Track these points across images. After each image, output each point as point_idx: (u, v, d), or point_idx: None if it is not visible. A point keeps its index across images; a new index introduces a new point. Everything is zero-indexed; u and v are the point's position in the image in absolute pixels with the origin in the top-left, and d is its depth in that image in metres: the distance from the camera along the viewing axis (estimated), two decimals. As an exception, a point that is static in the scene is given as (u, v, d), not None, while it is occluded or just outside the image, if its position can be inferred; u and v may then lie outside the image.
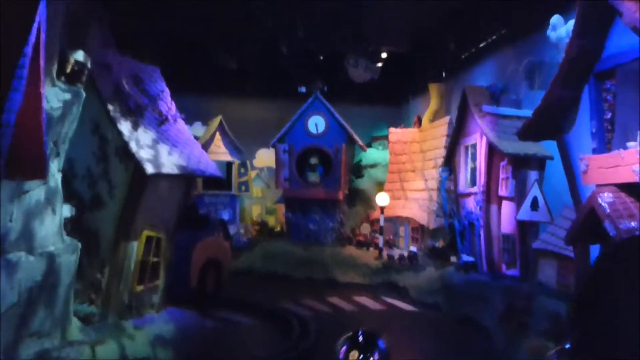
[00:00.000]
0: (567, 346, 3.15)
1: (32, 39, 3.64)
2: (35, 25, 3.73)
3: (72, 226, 7.25)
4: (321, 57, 14.38)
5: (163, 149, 7.79)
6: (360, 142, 14.98)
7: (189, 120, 17.98)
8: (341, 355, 2.82)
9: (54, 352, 5.96)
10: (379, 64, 14.04)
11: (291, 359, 7.60)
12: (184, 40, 13.12)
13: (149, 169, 7.18)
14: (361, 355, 2.76)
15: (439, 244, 12.42)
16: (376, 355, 2.81)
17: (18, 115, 4.32)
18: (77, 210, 7.48)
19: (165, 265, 8.26)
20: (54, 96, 5.89)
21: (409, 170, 14.29)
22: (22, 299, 5.65)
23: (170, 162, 7.66)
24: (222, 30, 12.90)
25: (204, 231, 10.22)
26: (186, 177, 8.28)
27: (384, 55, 14.29)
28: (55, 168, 6.44)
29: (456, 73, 14.06)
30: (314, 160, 14.64)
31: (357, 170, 16.17)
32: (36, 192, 5.99)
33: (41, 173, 4.72)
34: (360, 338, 2.85)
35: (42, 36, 4.05)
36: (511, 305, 8.37)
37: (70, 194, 7.63)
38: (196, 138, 15.76)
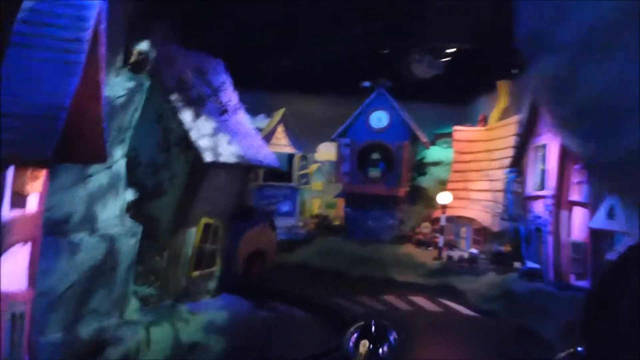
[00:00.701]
0: (579, 349, 3.03)
1: (90, 25, 3.75)
2: (94, 13, 3.84)
3: (134, 211, 7.53)
4: (386, 52, 14.14)
5: (223, 138, 7.92)
6: (424, 139, 14.63)
7: (253, 112, 18.39)
8: (351, 343, 2.79)
9: (111, 330, 6.22)
10: (444, 60, 13.62)
11: (342, 356, 7.51)
12: (251, 36, 13.30)
13: (208, 157, 7.32)
14: (371, 346, 2.72)
15: (505, 248, 11.91)
16: (386, 348, 2.77)
17: (78, 100, 4.49)
18: (139, 197, 7.77)
19: (221, 253, 8.42)
20: (118, 85, 6.12)
21: (473, 170, 13.81)
22: (83, 278, 5.92)
23: (228, 152, 7.78)
24: (288, 26, 12.97)
25: (251, 221, 10.29)
26: (244, 167, 8.38)
27: (450, 51, 13.84)
28: (119, 154, 6.70)
29: (528, 70, 13.39)
30: (375, 156, 14.46)
31: (420, 167, 15.81)
32: (100, 176, 6.25)
33: (101, 157, 4.87)
34: (373, 328, 2.81)
35: (102, 25, 4.17)
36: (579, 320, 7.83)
37: (134, 181, 7.92)
38: (259, 130, 16.14)
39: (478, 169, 13.69)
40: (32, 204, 4.32)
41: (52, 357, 5.57)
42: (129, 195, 7.14)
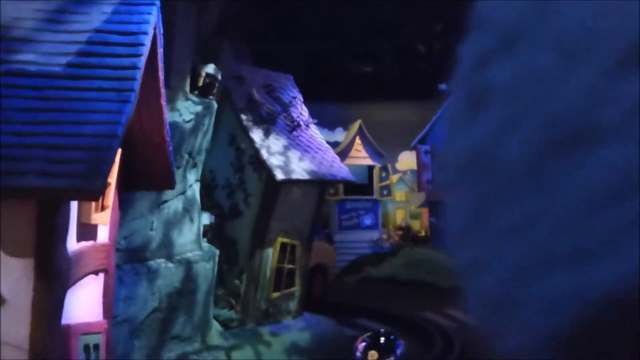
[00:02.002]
0: None
1: (145, 52, 3.71)
2: (149, 37, 3.80)
3: (213, 234, 7.57)
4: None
5: (294, 155, 7.79)
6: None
7: (331, 126, 18.33)
8: (358, 353, 2.73)
9: (192, 356, 6.20)
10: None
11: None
12: (322, 49, 13.27)
13: (279, 175, 7.20)
14: (380, 357, 2.71)
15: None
16: (393, 358, 2.71)
17: (142, 127, 4.50)
18: (217, 219, 7.81)
19: (301, 272, 8.25)
20: (186, 109, 6.15)
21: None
22: (163, 304, 5.95)
23: (300, 168, 7.62)
24: (358, 33, 12.78)
25: None
26: (318, 183, 8.19)
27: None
28: (192, 178, 6.74)
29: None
30: (458, 161, 13.77)
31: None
32: (174, 202, 6.30)
33: (169, 183, 4.87)
34: (382, 339, 2.81)
35: (159, 49, 4.14)
36: None
37: (212, 204, 8.00)
38: (337, 144, 15.98)
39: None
40: (103, 234, 4.34)
41: (137, 384, 5.62)
42: (205, 219, 7.17)
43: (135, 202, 5.72)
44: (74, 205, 3.64)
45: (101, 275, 4.37)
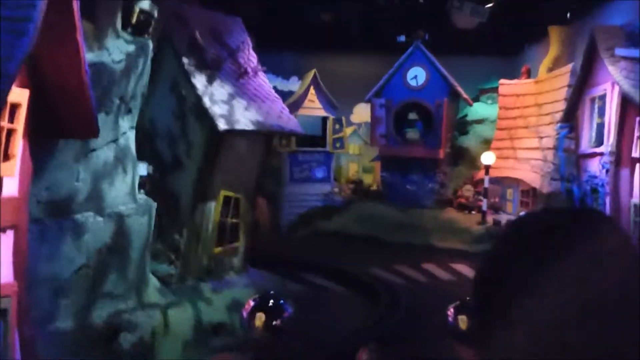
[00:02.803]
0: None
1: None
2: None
3: (152, 186, 7.10)
4: (421, 1, 13.00)
5: (239, 104, 7.32)
6: (465, 96, 13.59)
7: (285, 75, 17.69)
8: (245, 313, 2.77)
9: (126, 315, 5.85)
10: (488, 6, 12.35)
11: (377, 332, 6.99)
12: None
13: (222, 125, 6.74)
14: (267, 319, 2.74)
15: (554, 209, 10.95)
16: (279, 321, 2.32)
17: (56, 67, 3.95)
18: (157, 171, 7.32)
19: (245, 227, 7.94)
20: (116, 48, 5.55)
21: (521, 127, 12.73)
22: (92, 261, 5.53)
23: (246, 118, 7.17)
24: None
25: None
26: (265, 134, 7.78)
27: (494, -4, 12.55)
28: (126, 126, 6.19)
29: (583, 13, 12.05)
30: (412, 116, 13.55)
31: (462, 126, 14.80)
32: (104, 150, 5.77)
33: (91, 131, 4.37)
34: (271, 302, 2.85)
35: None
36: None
37: (152, 154, 7.48)
38: (292, 93, 15.44)
39: (526, 125, 12.60)
40: (10, 187, 3.85)
41: (63, 346, 5.26)
42: (142, 170, 6.68)
43: (57, 150, 5.16)
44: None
45: (10, 233, 3.91)
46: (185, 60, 7.10)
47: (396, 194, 13.54)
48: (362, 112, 16.98)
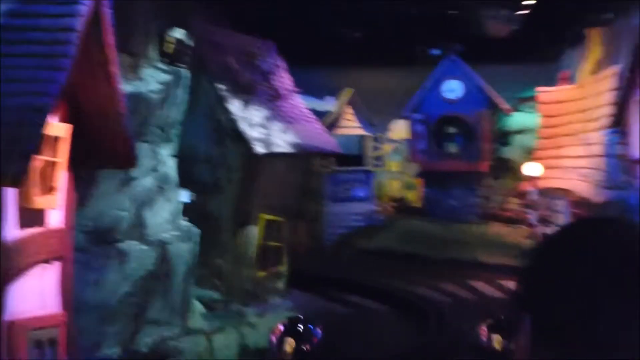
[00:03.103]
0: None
1: (83, 10, 3.23)
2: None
3: (194, 212, 7.17)
4: (454, 12, 12.85)
5: (276, 126, 7.34)
6: (504, 106, 13.26)
7: (319, 95, 17.76)
8: (274, 339, 2.51)
9: (171, 341, 5.87)
10: (522, 13, 12.07)
11: (427, 353, 6.77)
12: (305, 14, 12.62)
13: (260, 149, 6.77)
14: (297, 345, 2.54)
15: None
16: (309, 346, 2.52)
17: (93, 99, 4.05)
18: (198, 196, 7.40)
19: (288, 250, 7.89)
20: (152, 78, 5.68)
21: (565, 135, 12.27)
22: (137, 288, 5.59)
23: (283, 141, 7.18)
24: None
25: None
26: (304, 156, 7.77)
27: (529, 1, 12.25)
28: (166, 154, 6.30)
29: (624, 12, 11.61)
30: (451, 129, 13.31)
31: (503, 137, 14.41)
32: (145, 179, 5.88)
33: (129, 161, 4.44)
34: (300, 326, 2.59)
35: (105, 10, 3.65)
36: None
37: (193, 180, 7.57)
38: (327, 113, 15.46)
39: (570, 132, 12.14)
40: (55, 218, 3.93)
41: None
42: (184, 196, 6.76)
43: (100, 180, 5.30)
44: (9, 189, 3.22)
45: (56, 264, 3.98)
46: (220, 85, 7.20)
47: (439, 210, 13.26)
48: (400, 129, 16.80)
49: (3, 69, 2.92)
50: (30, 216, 3.53)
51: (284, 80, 8.14)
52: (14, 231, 3.34)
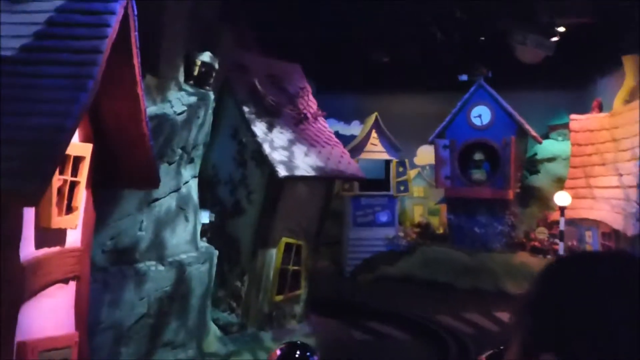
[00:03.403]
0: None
1: (110, 32, 3.26)
2: (116, 17, 3.35)
3: (214, 233, 7.15)
4: (482, 39, 12.76)
5: (299, 150, 7.31)
6: (534, 133, 13.03)
7: (346, 119, 17.78)
8: None
9: (186, 365, 5.79)
10: (555, 39, 11.89)
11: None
12: (333, 38, 12.69)
13: (282, 171, 6.73)
14: None
15: (641, 253, 10.05)
16: None
17: (117, 119, 4.07)
18: (219, 217, 7.39)
19: (307, 274, 7.78)
20: (178, 100, 5.72)
21: (597, 164, 11.96)
22: (153, 309, 5.55)
23: (305, 164, 7.14)
24: (371, 22, 12.17)
25: None
26: (326, 179, 7.71)
27: (561, 29, 12.08)
28: (188, 175, 6.31)
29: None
30: (478, 156, 13.10)
31: (532, 165, 14.13)
32: (167, 199, 5.88)
33: (152, 182, 4.44)
34: (297, 352, 2.70)
35: (133, 32, 3.68)
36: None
37: (214, 201, 7.59)
38: (353, 137, 15.43)
39: (603, 162, 11.82)
40: (73, 238, 3.93)
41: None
42: (204, 217, 6.75)
43: (121, 200, 5.31)
44: (27, 208, 3.23)
45: (72, 284, 3.97)
46: (245, 108, 7.23)
47: (464, 237, 12.99)
48: (426, 154, 16.67)
49: (27, 89, 2.95)
50: (48, 235, 3.52)
51: (309, 103, 8.14)
52: (30, 250, 3.33)
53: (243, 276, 7.16)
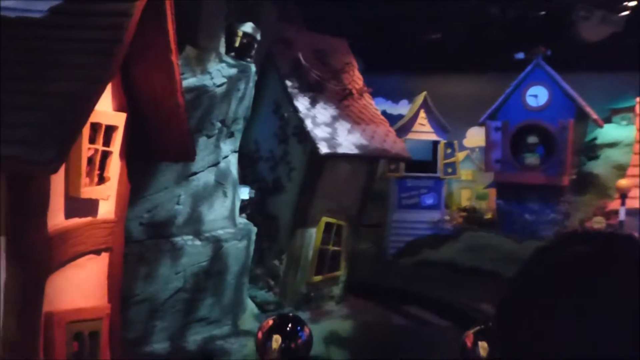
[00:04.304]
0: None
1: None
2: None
3: (254, 209, 7.05)
4: (542, 13, 11.99)
5: (343, 127, 7.06)
6: (595, 116, 12.24)
7: (395, 98, 17.33)
8: (261, 333, 2.72)
9: (220, 340, 5.75)
10: (624, 14, 10.98)
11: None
12: (382, 14, 12.25)
13: (324, 148, 6.51)
14: (284, 341, 2.65)
15: None
16: (299, 342, 2.71)
17: (153, 90, 3.94)
18: (260, 194, 7.27)
19: (347, 255, 7.59)
20: (218, 72, 5.56)
21: (663, 151, 11.16)
22: (188, 284, 5.51)
23: (349, 142, 6.89)
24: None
25: None
26: (370, 158, 7.44)
27: (632, 2, 11.10)
28: (228, 149, 6.19)
29: None
30: (532, 139, 12.44)
31: (590, 150, 13.32)
32: (205, 174, 5.79)
33: (187, 154, 4.32)
34: (289, 325, 2.76)
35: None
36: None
37: (255, 177, 7.48)
38: (401, 117, 15.01)
39: (670, 149, 11.02)
40: (106, 209, 3.86)
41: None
42: (244, 193, 6.64)
43: (159, 173, 5.25)
44: (57, 177, 3.15)
45: (104, 255, 3.91)
46: (288, 82, 7.02)
47: (513, 224, 12.46)
48: (476, 136, 16.06)
49: (53, 53, 2.83)
50: (79, 206, 3.45)
51: (355, 79, 7.85)
52: (59, 220, 3.26)
53: (281, 255, 7.04)
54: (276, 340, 2.63)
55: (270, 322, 2.79)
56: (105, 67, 2.74)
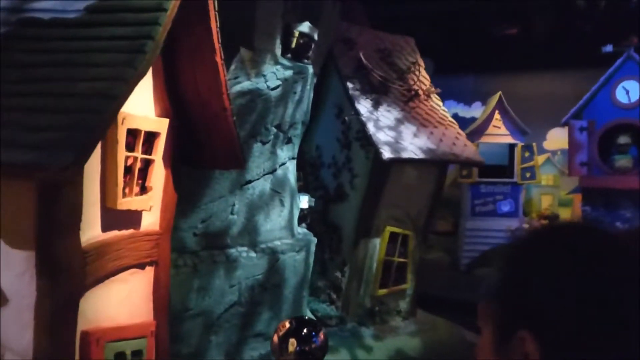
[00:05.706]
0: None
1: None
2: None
3: (314, 219, 6.73)
4: (633, 1, 10.90)
5: (408, 130, 6.59)
6: (697, 113, 10.95)
7: (468, 101, 16.53)
8: (277, 336, 2.79)
9: (278, 358, 5.43)
10: None
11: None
12: (452, 11, 11.62)
13: (387, 153, 6.07)
14: (299, 345, 2.70)
15: None
16: (313, 346, 2.73)
17: (198, 93, 3.70)
18: (322, 202, 6.96)
19: (414, 267, 7.08)
20: (273, 74, 5.28)
21: None
22: (244, 297, 5.25)
23: (414, 146, 6.40)
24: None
25: None
26: (438, 163, 6.91)
27: None
28: (285, 156, 5.89)
29: None
30: (624, 140, 11.29)
31: (692, 151, 11.96)
32: (260, 182, 5.52)
33: (236, 161, 4.05)
34: (305, 329, 2.79)
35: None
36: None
37: (317, 185, 7.18)
38: (474, 120, 14.24)
39: None
40: (150, 221, 3.65)
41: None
42: (303, 202, 6.32)
43: (212, 181, 5.03)
44: (92, 187, 2.95)
45: (148, 269, 3.70)
46: (349, 84, 6.65)
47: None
48: (557, 138, 15.01)
49: (83, 53, 2.62)
50: (118, 218, 3.25)
51: (421, 79, 7.35)
52: (95, 233, 3.06)
53: (344, 266, 6.66)
54: (292, 344, 2.66)
55: (287, 325, 2.82)
56: (134, 65, 2.50)
